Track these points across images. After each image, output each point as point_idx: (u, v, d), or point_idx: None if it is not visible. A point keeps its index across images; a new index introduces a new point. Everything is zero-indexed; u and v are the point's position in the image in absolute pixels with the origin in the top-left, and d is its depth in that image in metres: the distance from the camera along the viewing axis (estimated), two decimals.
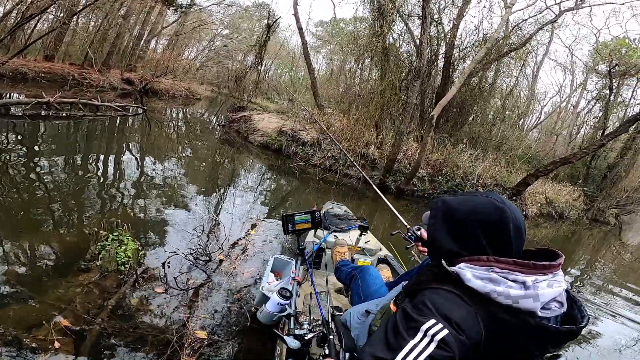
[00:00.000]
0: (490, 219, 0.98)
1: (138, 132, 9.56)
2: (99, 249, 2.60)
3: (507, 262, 0.93)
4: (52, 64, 14.45)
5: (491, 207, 0.99)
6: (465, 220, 1.00)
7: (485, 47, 8.76)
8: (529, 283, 0.89)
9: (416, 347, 0.86)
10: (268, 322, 1.78)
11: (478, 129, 12.88)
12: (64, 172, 4.86)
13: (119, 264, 2.60)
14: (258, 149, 9.94)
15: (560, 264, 0.96)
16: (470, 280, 0.92)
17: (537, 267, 0.92)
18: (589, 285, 6.24)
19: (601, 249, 10.20)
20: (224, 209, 4.85)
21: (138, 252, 2.76)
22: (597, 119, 17.04)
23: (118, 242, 2.65)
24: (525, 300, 0.88)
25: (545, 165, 10.25)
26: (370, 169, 9.10)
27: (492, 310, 0.90)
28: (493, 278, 0.91)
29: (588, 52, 22.65)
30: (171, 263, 2.91)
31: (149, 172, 5.98)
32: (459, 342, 0.86)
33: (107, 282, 2.56)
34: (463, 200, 1.04)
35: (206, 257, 3.14)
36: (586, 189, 12.67)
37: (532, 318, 0.89)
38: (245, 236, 3.92)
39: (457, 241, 1.01)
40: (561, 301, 0.95)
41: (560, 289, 0.93)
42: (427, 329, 0.86)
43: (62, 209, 3.64)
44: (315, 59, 16.84)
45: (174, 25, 22.30)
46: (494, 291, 0.89)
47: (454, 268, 0.97)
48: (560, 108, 22.93)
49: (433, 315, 0.89)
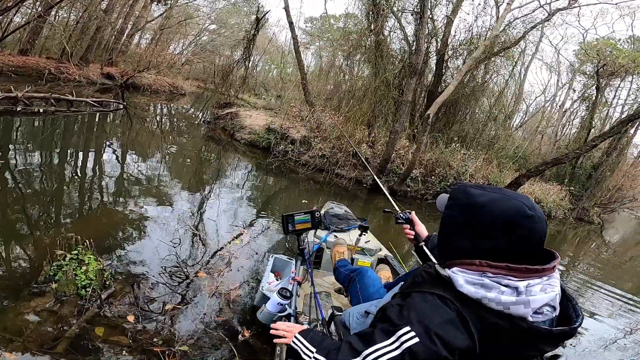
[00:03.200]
0: (520, 226, 0.91)
1: (116, 129, 9.03)
2: (54, 269, 2.20)
3: (499, 266, 0.91)
4: (27, 58, 13.65)
5: (522, 214, 0.92)
6: (492, 223, 0.93)
7: (484, 44, 8.54)
8: (521, 289, 0.88)
9: (384, 348, 0.91)
10: (268, 322, 1.74)
11: (468, 128, 12.74)
12: (22, 174, 4.35)
13: (78, 287, 2.21)
14: (245, 147, 9.52)
15: (555, 266, 0.93)
16: (462, 286, 0.91)
17: (531, 271, 0.90)
18: (573, 282, 6.30)
19: (583, 247, 10.29)
20: (207, 215, 4.40)
21: (103, 272, 2.35)
22: (581, 119, 17.29)
23: (77, 262, 2.25)
24: (516, 307, 0.87)
25: (537, 166, 10.14)
26: (362, 169, 8.80)
27: (483, 315, 0.89)
28: (485, 284, 0.90)
29: (573, 52, 22.94)
30: (143, 284, 2.52)
31: (123, 174, 5.47)
32: (429, 352, 0.87)
33: (66, 309, 2.17)
34: (492, 199, 0.95)
35: (184, 274, 2.76)
36: (572, 188, 12.75)
37: (524, 322, 0.88)
38: (229, 245, 3.55)
39: (473, 239, 0.96)
40: (554, 305, 0.93)
41: (554, 293, 0.91)
42: (400, 335, 0.90)
43: (13, 219, 3.18)
44: (304, 55, 16.41)
45: (159, 20, 21.52)
46: (485, 297, 0.89)
47: (447, 272, 0.96)
48: (545, 107, 23.15)
49: (411, 322, 0.90)
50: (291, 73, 17.32)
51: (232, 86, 12.00)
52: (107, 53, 17.61)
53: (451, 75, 11.27)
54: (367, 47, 8.97)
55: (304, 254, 2.08)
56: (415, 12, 9.16)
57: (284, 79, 16.31)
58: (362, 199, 7.92)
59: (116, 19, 17.98)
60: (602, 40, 15.53)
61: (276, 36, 25.44)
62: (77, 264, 2.24)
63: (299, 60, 10.63)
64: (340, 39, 11.35)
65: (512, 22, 11.77)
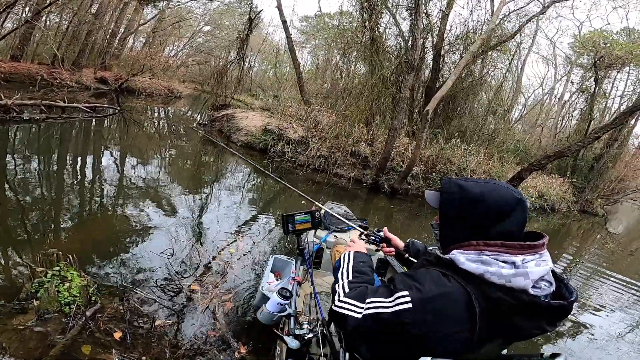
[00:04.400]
0: (514, 209, 1.00)
1: (111, 135, 8.87)
2: (35, 286, 2.05)
3: (495, 244, 0.96)
4: (19, 64, 13.49)
5: (513, 199, 1.00)
6: (490, 212, 1.00)
7: (481, 38, 8.39)
8: (518, 263, 0.93)
9: (381, 304, 0.99)
10: (268, 322, 1.76)
11: (468, 123, 12.60)
12: (7, 185, 4.19)
13: (62, 304, 2.07)
14: (242, 149, 9.37)
15: (545, 243, 0.99)
16: (464, 264, 0.96)
17: (524, 247, 0.96)
18: (578, 275, 6.25)
19: (588, 238, 10.15)
20: (202, 223, 4.23)
21: (87, 288, 2.20)
22: (581, 111, 17.16)
23: (59, 278, 2.11)
24: (517, 279, 0.91)
25: (540, 159, 10.00)
26: (361, 168, 8.66)
27: (486, 290, 0.93)
28: (485, 260, 0.95)
29: (568, 44, 22.80)
30: (132, 298, 2.38)
31: (114, 181, 5.30)
32: (418, 318, 0.93)
33: (49, 327, 2.02)
34: (484, 190, 1.03)
35: (177, 287, 2.61)
36: (574, 180, 12.64)
37: (525, 294, 0.92)
38: (224, 255, 3.40)
39: (472, 227, 1.02)
40: (550, 280, 0.98)
41: (548, 267, 0.97)
42: (397, 297, 0.97)
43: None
44: (300, 54, 16.27)
45: (151, 22, 21.34)
46: (487, 271, 0.93)
47: (448, 256, 1.01)
48: (543, 100, 23.02)
49: (410, 289, 0.97)
50: (287, 73, 17.15)
51: (228, 87, 11.84)
52: (100, 57, 17.41)
53: (449, 70, 11.12)
54: (363, 43, 8.82)
55: (304, 254, 2.07)
56: (409, 7, 9.02)
57: (280, 78, 16.14)
58: (362, 199, 7.78)
59: (108, 22, 17.79)
60: (597, 32, 15.42)
61: (271, 36, 25.26)
62: (59, 280, 2.10)
63: (294, 59, 10.48)
64: (335, 37, 11.20)
65: (507, 16, 11.65)
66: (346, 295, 1.09)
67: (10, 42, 14.47)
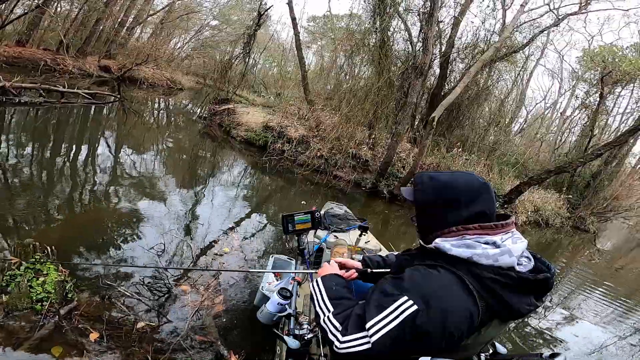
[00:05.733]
0: (481, 191, 1.06)
1: (108, 123, 8.73)
2: (7, 280, 1.92)
3: (474, 227, 1.02)
4: (23, 49, 13.35)
5: (478, 182, 1.08)
6: (460, 194, 1.06)
7: (494, 46, 8.28)
8: (498, 242, 1.00)
9: (385, 319, 0.96)
10: (268, 322, 1.76)
11: (468, 133, 12.47)
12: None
13: (33, 300, 1.93)
14: (241, 144, 9.24)
15: (514, 222, 1.08)
16: (450, 250, 1.00)
17: (498, 227, 1.03)
18: (566, 287, 6.25)
19: (577, 254, 10.09)
20: (196, 219, 4.09)
21: (64, 284, 2.07)
22: (582, 126, 17.06)
23: (34, 272, 1.97)
24: (503, 257, 0.97)
25: (540, 174, 9.92)
26: (361, 172, 8.54)
27: (477, 273, 0.96)
28: (468, 244, 1.00)
29: (576, 58, 22.71)
30: (115, 297, 2.24)
31: (105, 171, 5.13)
32: (427, 316, 0.92)
33: (16, 325, 1.89)
34: (453, 177, 1.10)
35: (165, 287, 2.48)
36: (570, 196, 12.59)
37: (513, 271, 0.97)
38: (217, 254, 3.27)
39: (445, 212, 1.06)
40: (527, 256, 1.05)
41: (525, 243, 1.04)
42: (398, 305, 0.95)
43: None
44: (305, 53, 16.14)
45: (160, 13, 21.18)
46: (475, 254, 0.98)
47: (432, 245, 1.04)
48: (545, 114, 22.92)
49: (407, 291, 0.96)
50: (291, 72, 17.03)
51: (231, 82, 11.70)
52: (105, 46, 17.27)
53: (454, 78, 11.02)
54: (371, 46, 8.70)
55: (304, 254, 2.08)
56: (422, 12, 8.90)
57: (283, 76, 16.01)
58: (361, 202, 7.66)
59: (118, 11, 17.66)
60: (607, 47, 15.34)
61: (278, 34, 25.14)
62: (33, 274, 1.96)
63: (300, 57, 10.35)
64: (343, 38, 11.09)
65: (519, 26, 11.55)
66: (343, 334, 1.03)
67: (17, 27, 14.34)
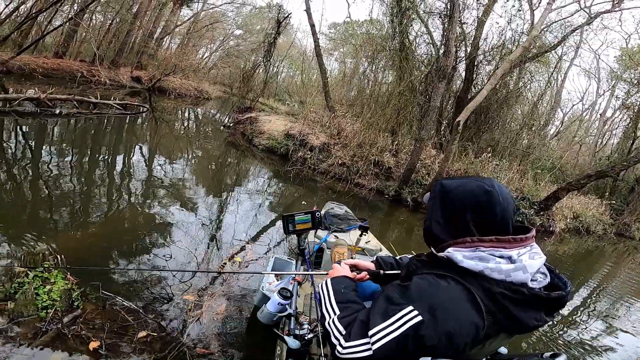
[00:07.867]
0: (480, 200, 1.01)
1: (137, 133, 9.04)
2: (15, 287, 1.92)
3: (490, 240, 0.97)
4: (61, 61, 14.18)
5: (481, 190, 1.02)
6: (457, 203, 1.04)
7: (522, 46, 7.89)
8: (514, 257, 0.95)
9: (388, 327, 0.93)
10: (268, 322, 1.75)
11: (499, 137, 11.93)
12: (18, 176, 4.20)
13: (39, 308, 1.92)
14: (263, 153, 9.26)
15: (534, 235, 1.02)
16: (462, 261, 0.96)
17: (516, 241, 0.98)
18: (608, 297, 5.92)
19: (623, 262, 9.33)
20: (211, 228, 4.06)
21: (71, 292, 2.06)
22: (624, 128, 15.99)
23: (41, 280, 1.97)
24: (516, 273, 0.93)
25: (579, 178, 9.28)
26: (384, 179, 8.32)
27: (487, 287, 0.93)
28: (482, 256, 0.95)
29: (614, 57, 21.38)
30: (118, 305, 2.20)
31: (128, 180, 5.24)
32: (432, 328, 0.90)
33: (20, 330, 1.88)
34: (458, 184, 1.07)
35: (168, 296, 2.42)
36: (613, 202, 11.76)
37: (525, 288, 0.93)
38: (228, 264, 3.20)
39: (449, 223, 1.05)
40: (544, 272, 1.01)
41: (542, 259, 0.99)
42: (403, 315, 0.93)
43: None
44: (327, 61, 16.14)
45: (187, 24, 22.03)
46: (487, 268, 0.94)
47: (443, 253, 1.01)
48: (582, 116, 21.64)
49: (413, 301, 0.94)
50: (315, 79, 17.10)
51: (253, 90, 11.85)
52: (137, 57, 18.08)
53: (482, 80, 10.60)
54: (392, 49, 8.53)
55: (304, 254, 2.07)
56: (443, 14, 8.65)
57: (306, 84, 16.08)
58: (383, 211, 7.43)
59: (146, 22, 18.50)
60: None
61: (300, 41, 25.43)
62: (40, 282, 1.96)
63: (320, 64, 10.34)
64: (363, 42, 10.98)
65: (550, 26, 11.01)
66: (346, 339, 1.01)
67: (55, 39, 15.30)
